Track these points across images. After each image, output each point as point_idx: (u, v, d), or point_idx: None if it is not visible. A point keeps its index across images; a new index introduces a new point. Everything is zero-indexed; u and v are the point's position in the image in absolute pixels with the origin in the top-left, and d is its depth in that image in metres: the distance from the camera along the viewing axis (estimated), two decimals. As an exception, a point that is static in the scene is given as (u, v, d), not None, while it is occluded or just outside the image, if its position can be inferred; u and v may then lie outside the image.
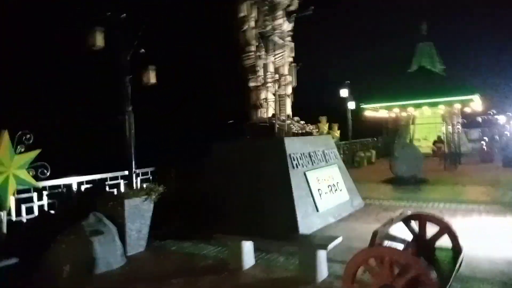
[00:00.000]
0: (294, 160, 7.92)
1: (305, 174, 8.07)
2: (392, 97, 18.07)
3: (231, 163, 8.41)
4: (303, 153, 8.35)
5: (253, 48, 8.97)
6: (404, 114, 19.84)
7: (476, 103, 17.82)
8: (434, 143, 20.20)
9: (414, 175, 13.81)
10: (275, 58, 9.40)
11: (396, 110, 18.04)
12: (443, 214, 8.66)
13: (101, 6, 7.61)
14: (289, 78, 10.00)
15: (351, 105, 19.99)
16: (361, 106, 18.73)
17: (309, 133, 9.58)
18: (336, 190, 8.94)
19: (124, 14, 7.46)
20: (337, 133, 17.32)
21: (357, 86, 20.04)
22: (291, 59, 10.23)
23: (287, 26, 9.76)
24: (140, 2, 8.11)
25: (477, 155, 20.58)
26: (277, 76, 9.55)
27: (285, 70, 9.96)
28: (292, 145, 8.11)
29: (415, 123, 25.17)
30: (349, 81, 19.41)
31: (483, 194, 10.86)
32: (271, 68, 9.29)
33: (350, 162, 19.44)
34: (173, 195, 8.43)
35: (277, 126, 9.00)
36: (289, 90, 9.96)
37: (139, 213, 6.47)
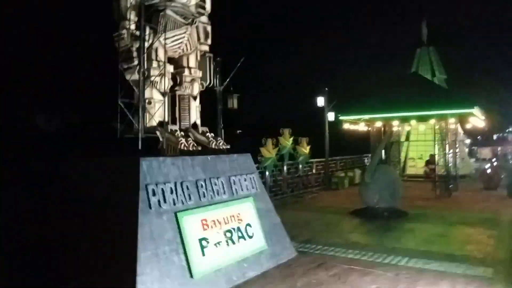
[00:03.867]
0: (155, 194, 5.05)
1: (176, 217, 5.20)
2: (376, 108, 15.10)
3: (81, 193, 5.57)
4: (182, 183, 5.48)
5: (128, 25, 6.18)
6: (395, 128, 16.89)
7: (477, 118, 14.75)
8: (427, 163, 17.09)
9: (390, 206, 10.81)
10: (170, 42, 6.59)
11: (379, 124, 15.05)
12: (399, 280, 5.70)
13: None
14: (196, 73, 7.18)
15: (330, 116, 17.03)
16: (340, 118, 15.77)
17: (219, 151, 6.73)
18: (241, 237, 6.03)
19: None
20: (305, 149, 14.37)
21: (337, 94, 17.05)
22: (205, 48, 7.43)
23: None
24: None
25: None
26: (171, 68, 6.73)
27: (191, 61, 7.15)
28: (159, 170, 5.25)
29: (409, 140, 22.14)
30: (327, 88, 16.49)
31: (470, 241, 7.81)
32: (160, 55, 6.49)
33: (326, 184, 16.50)
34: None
35: (161, 139, 6.19)
36: (195, 89, 7.13)
37: None
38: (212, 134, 6.96)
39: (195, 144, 6.30)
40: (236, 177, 6.44)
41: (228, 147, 6.90)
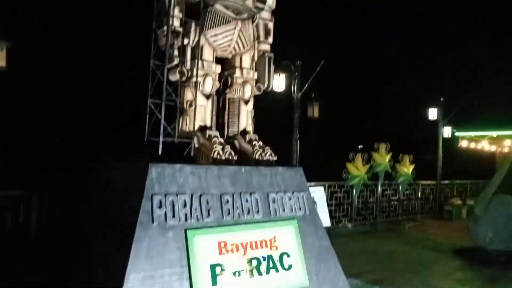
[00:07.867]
0: (161, 206, 4.42)
1: (186, 235, 4.48)
2: (506, 122, 12.31)
3: (100, 198, 5.29)
4: (201, 196, 4.75)
5: (172, 22, 5.76)
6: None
7: None
8: None
9: (508, 249, 8.40)
10: (219, 39, 5.99)
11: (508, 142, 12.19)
12: None
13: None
14: (249, 74, 6.44)
15: (446, 131, 14.45)
16: (456, 134, 13.26)
17: (264, 163, 5.84)
18: (273, 268, 5.01)
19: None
20: (407, 168, 12.32)
21: (454, 105, 14.31)
22: (265, 47, 6.65)
23: (249, -7, 6.25)
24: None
25: None
26: (218, 68, 6.11)
27: (244, 61, 6.43)
28: (172, 179, 4.62)
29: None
30: (442, 98, 14.02)
31: None
32: (206, 53, 5.93)
33: (436, 211, 14.03)
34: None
35: (195, 145, 5.62)
36: (247, 92, 6.38)
37: None
38: (261, 143, 6.09)
39: (232, 153, 5.53)
40: (277, 195, 5.45)
41: (275, 158, 5.94)
